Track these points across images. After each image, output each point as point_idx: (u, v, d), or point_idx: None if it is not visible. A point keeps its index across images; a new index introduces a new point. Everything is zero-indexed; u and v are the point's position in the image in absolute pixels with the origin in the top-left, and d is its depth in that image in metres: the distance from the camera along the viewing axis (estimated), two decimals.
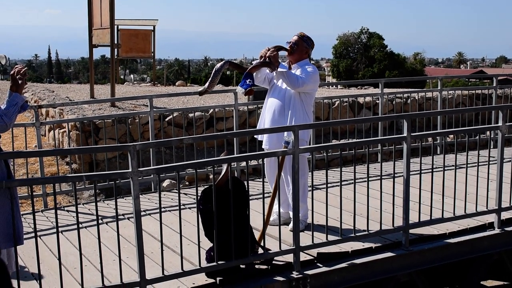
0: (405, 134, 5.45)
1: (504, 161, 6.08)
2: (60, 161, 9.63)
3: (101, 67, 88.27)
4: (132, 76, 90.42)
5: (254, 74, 5.74)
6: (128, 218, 6.52)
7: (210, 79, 5.58)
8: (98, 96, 13.05)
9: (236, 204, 4.80)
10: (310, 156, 6.48)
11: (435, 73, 64.28)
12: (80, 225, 5.93)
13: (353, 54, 52.77)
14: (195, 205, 6.72)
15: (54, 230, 6.09)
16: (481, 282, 7.14)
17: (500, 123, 6.01)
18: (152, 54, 21.29)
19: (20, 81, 4.30)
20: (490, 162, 6.15)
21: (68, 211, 7.02)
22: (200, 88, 5.63)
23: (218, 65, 5.65)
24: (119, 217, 6.14)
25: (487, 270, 6.44)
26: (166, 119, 10.12)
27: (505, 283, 7.30)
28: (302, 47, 6.04)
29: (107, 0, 11.28)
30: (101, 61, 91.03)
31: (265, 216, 5.31)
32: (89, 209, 7.00)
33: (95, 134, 8.92)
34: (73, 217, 6.60)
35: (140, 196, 4.52)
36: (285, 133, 5.46)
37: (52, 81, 68.35)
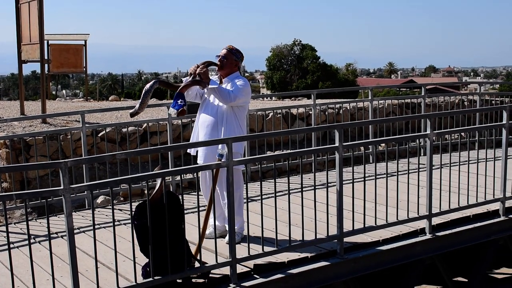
0: (337, 144, 5.54)
1: (433, 167, 6.25)
2: None
3: (32, 82, 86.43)
4: (64, 91, 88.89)
5: (185, 92, 5.73)
6: (62, 236, 6.39)
7: (140, 100, 5.50)
8: (29, 113, 12.77)
9: (171, 218, 4.77)
10: (245, 169, 6.51)
11: (367, 83, 65.61)
12: (12, 245, 5.80)
13: (286, 65, 53.25)
14: (130, 221, 6.67)
15: None
16: (415, 287, 7.31)
17: (428, 131, 6.18)
18: (84, 69, 21.00)
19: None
20: (420, 169, 6.31)
21: None
22: (131, 110, 5.56)
23: (148, 85, 5.57)
24: (52, 235, 6.05)
25: (420, 275, 6.59)
26: (99, 135, 9.99)
27: (438, 287, 7.49)
28: (231, 60, 6.06)
29: (36, 15, 11.07)
30: (32, 76, 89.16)
31: (201, 230, 5.30)
32: (21, 229, 6.83)
33: (26, 152, 8.71)
34: (4, 237, 6.42)
35: (74, 213, 4.46)
36: (219, 146, 5.47)
37: None
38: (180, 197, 5.00)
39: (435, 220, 6.44)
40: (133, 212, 4.82)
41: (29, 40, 11.66)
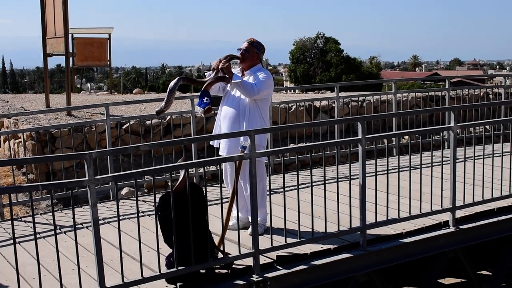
0: (360, 136, 5.54)
1: (456, 160, 6.22)
2: (16, 171, 9.50)
3: (56, 76, 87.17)
4: (88, 85, 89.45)
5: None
6: (87, 227, 6.47)
7: (165, 98, 5.54)
8: (54, 106, 12.91)
9: (194, 210, 4.82)
10: (268, 161, 6.54)
11: (391, 76, 65.19)
12: (38, 235, 5.88)
13: (310, 59, 53.12)
14: (153, 212, 6.72)
15: (11, 241, 6.04)
16: (439, 280, 7.28)
17: (452, 124, 6.15)
18: (108, 62, 21.14)
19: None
20: (444, 162, 6.29)
21: (25, 221, 6.94)
22: (157, 108, 5.60)
23: (172, 83, 5.60)
24: (78, 226, 6.12)
25: (443, 268, 6.57)
26: (123, 127, 10.07)
27: (462, 280, 7.46)
28: (253, 53, 6.09)
29: (61, 9, 11.18)
30: (57, 70, 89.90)
31: (224, 221, 5.34)
32: (47, 219, 6.93)
33: (51, 144, 8.82)
34: (31, 227, 6.53)
35: (98, 204, 4.52)
36: (242, 138, 5.50)
37: (7, 91, 67.18)
38: (204, 189, 5.04)
39: (459, 213, 6.41)
40: (156, 203, 4.87)
41: (53, 34, 11.78)
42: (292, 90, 20.86)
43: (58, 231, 6.14)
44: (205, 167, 5.19)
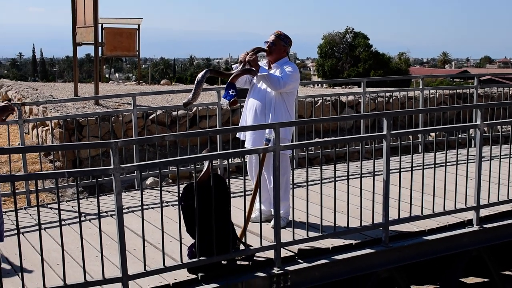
0: (385, 132, 5.52)
1: (482, 159, 6.17)
2: (44, 159, 9.62)
3: (86, 65, 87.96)
4: (117, 75, 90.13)
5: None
6: (111, 215, 6.54)
7: (193, 90, 5.57)
8: (82, 95, 13.05)
9: (217, 201, 4.85)
10: (292, 154, 6.55)
11: (420, 73, 64.47)
12: (63, 222, 5.96)
13: (338, 53, 52.95)
14: (177, 202, 6.78)
15: (37, 227, 6.14)
16: (461, 279, 7.24)
17: (478, 121, 6.11)
18: (137, 53, 21.27)
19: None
20: (469, 160, 6.24)
21: (51, 208, 7.04)
22: (184, 100, 5.64)
23: (200, 75, 5.64)
24: (102, 214, 6.19)
25: (466, 266, 6.54)
26: (150, 117, 10.15)
27: (485, 279, 7.40)
28: (280, 46, 6.10)
29: None
30: (86, 59, 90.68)
31: (247, 213, 5.36)
32: (72, 207, 7.02)
33: (79, 132, 8.92)
34: (56, 214, 6.62)
35: (123, 193, 4.58)
36: (267, 130, 5.52)
37: (37, 79, 67.90)
38: (227, 181, 5.07)
39: (483, 212, 6.37)
40: (180, 194, 4.91)
41: (83, 23, 11.89)
42: (319, 85, 20.81)
43: (82, 218, 6.22)
44: (229, 159, 5.20)
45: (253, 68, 5.82)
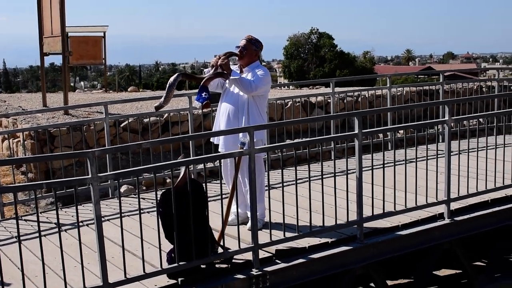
0: (356, 131, 5.62)
1: (451, 154, 6.31)
2: (15, 170, 9.56)
3: (50, 75, 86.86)
4: (82, 83, 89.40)
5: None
6: (87, 225, 6.55)
7: (165, 94, 5.61)
8: (50, 105, 12.96)
9: (195, 206, 4.90)
10: (266, 156, 6.62)
11: (385, 71, 65.30)
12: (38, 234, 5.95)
13: (303, 54, 53.19)
14: (153, 209, 6.81)
15: (12, 240, 6.13)
16: (434, 272, 7.38)
17: (446, 117, 6.25)
18: (103, 61, 21.16)
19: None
20: (438, 155, 6.38)
21: (26, 220, 7.00)
22: (156, 103, 5.68)
23: (172, 79, 5.68)
24: (76, 223, 6.20)
25: (439, 259, 6.67)
26: (122, 125, 10.14)
27: (457, 271, 7.56)
28: (251, 50, 6.18)
29: (57, 8, 11.23)
30: (50, 69, 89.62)
31: (224, 216, 5.42)
32: (47, 218, 7.00)
33: (50, 143, 8.90)
34: (31, 226, 6.60)
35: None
36: (241, 134, 5.58)
37: (1, 90, 66.99)
38: (203, 185, 5.13)
39: (454, 205, 6.52)
40: (158, 200, 4.95)
41: (50, 33, 11.84)
42: (286, 86, 20.93)
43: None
44: (205, 164, 5.26)
45: (225, 72, 5.89)
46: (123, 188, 9.07)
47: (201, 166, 8.71)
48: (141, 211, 6.37)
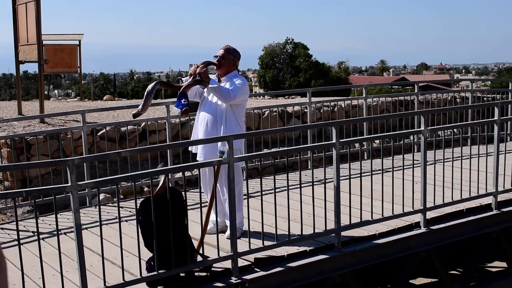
0: (334, 141, 5.68)
1: (427, 163, 6.40)
2: None
3: (23, 83, 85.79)
4: (56, 91, 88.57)
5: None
6: (65, 233, 6.52)
7: (143, 101, 5.65)
8: (26, 113, 12.87)
9: (174, 214, 4.92)
10: (244, 165, 6.66)
11: (359, 81, 65.81)
12: (16, 242, 5.90)
13: (279, 64, 53.40)
14: (131, 218, 6.80)
15: None
16: (411, 281, 7.46)
17: (422, 127, 6.34)
18: (78, 69, 21.06)
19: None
20: (414, 165, 6.47)
21: (2, 228, 6.95)
22: (134, 111, 5.70)
23: (150, 87, 5.72)
24: (54, 232, 6.16)
25: (415, 268, 6.75)
26: (99, 134, 10.11)
27: (433, 280, 7.64)
28: (229, 59, 6.23)
29: (33, 16, 11.18)
30: (23, 77, 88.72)
31: (203, 225, 5.44)
32: (24, 226, 6.95)
33: (27, 151, 8.84)
34: (8, 234, 6.55)
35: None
36: (219, 143, 5.61)
37: None
38: (183, 193, 5.14)
39: (430, 214, 6.60)
40: (137, 208, 4.95)
41: (26, 41, 11.77)
42: (261, 96, 21.00)
43: (36, 237, 6.17)
44: (184, 172, 5.28)
45: (204, 80, 5.93)
46: (100, 197, 9.03)
47: (178, 175, 8.72)
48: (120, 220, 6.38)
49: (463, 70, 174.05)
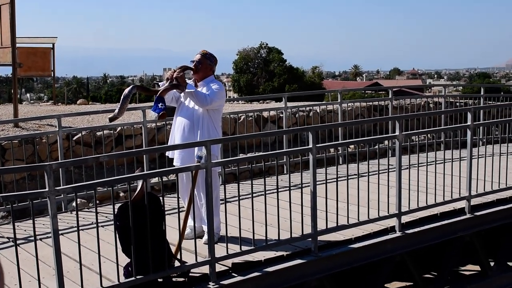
0: (310, 146, 5.73)
1: (402, 168, 6.48)
2: None
3: None
4: (28, 95, 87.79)
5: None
6: (41, 239, 6.47)
7: (119, 105, 5.63)
8: None
9: (152, 219, 4.91)
10: (221, 170, 6.67)
11: (333, 86, 66.08)
12: None
13: (253, 68, 53.36)
14: (107, 223, 6.79)
15: None
16: (386, 284, 7.54)
17: (397, 133, 6.42)
18: (52, 73, 20.86)
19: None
20: (389, 170, 6.54)
21: None
22: (110, 115, 5.68)
23: (126, 90, 5.71)
24: (31, 238, 6.13)
25: (391, 271, 6.82)
26: (74, 138, 10.04)
27: (408, 283, 7.73)
28: (206, 64, 6.26)
29: (8, 19, 11.07)
30: None
31: (181, 230, 5.45)
32: None
33: (1, 156, 8.76)
34: None
35: (48, 216, 4.58)
36: (196, 148, 5.63)
37: None
38: (161, 199, 5.15)
39: (405, 218, 6.67)
40: (115, 214, 4.94)
41: (0, 44, 11.64)
42: (236, 101, 21.03)
43: (11, 243, 6.13)
44: (162, 177, 5.28)
45: (181, 84, 5.94)
46: (74, 202, 8.97)
47: (154, 179, 8.70)
48: (95, 226, 6.36)
49: (435, 75, 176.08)
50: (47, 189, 4.33)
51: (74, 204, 8.76)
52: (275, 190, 5.77)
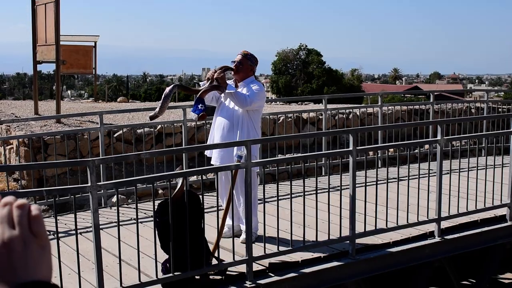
0: (351, 148, 5.71)
1: (442, 173, 6.41)
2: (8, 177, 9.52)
3: (37, 83, 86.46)
4: (69, 92, 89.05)
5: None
6: (81, 233, 6.56)
7: (160, 104, 5.68)
8: (41, 113, 12.94)
9: (192, 217, 4.95)
10: (259, 170, 6.68)
11: (372, 89, 65.68)
12: None
13: (292, 70, 53.32)
14: (146, 220, 6.85)
15: None
16: None
17: (439, 137, 6.35)
18: (93, 70, 21.14)
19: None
20: (430, 174, 6.48)
21: None
22: (151, 113, 5.73)
23: (167, 89, 5.75)
24: (71, 232, 6.22)
25: (429, 277, 6.75)
26: (115, 135, 10.16)
27: None
28: (246, 65, 6.27)
29: (52, 17, 11.25)
30: (37, 77, 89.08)
31: (219, 228, 5.48)
32: None
33: (44, 151, 8.91)
34: None
35: (88, 211, 4.66)
36: (236, 148, 5.65)
37: None
38: (200, 197, 5.18)
39: (444, 224, 6.60)
40: (155, 210, 4.99)
41: (44, 41, 11.83)
42: (273, 102, 21.04)
43: (52, 236, 6.22)
44: (202, 176, 5.32)
45: (221, 85, 5.96)
46: (114, 198, 9.07)
47: (193, 178, 8.75)
48: (135, 222, 6.43)
49: (476, 80, 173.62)
50: (89, 184, 4.39)
51: (113, 199, 8.89)
52: (314, 192, 5.76)
